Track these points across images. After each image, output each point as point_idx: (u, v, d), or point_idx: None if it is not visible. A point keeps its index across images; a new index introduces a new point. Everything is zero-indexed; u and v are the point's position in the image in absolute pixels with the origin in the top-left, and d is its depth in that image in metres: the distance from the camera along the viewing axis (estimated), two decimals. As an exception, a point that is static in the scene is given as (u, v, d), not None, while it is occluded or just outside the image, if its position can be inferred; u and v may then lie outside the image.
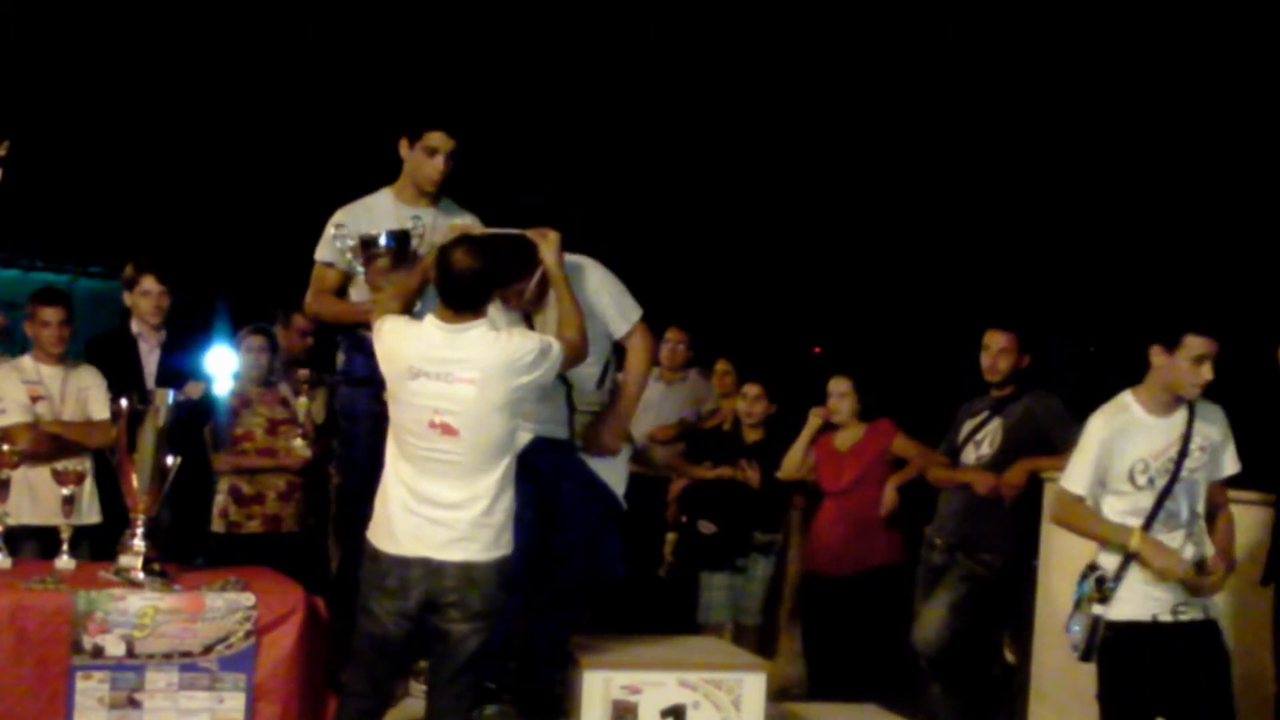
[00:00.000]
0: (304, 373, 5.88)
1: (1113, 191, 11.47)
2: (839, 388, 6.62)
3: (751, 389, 6.84)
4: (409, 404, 4.18)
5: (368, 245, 4.85)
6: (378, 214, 5.01)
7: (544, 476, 4.83)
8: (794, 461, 6.74)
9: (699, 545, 6.72)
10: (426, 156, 4.97)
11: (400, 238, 4.85)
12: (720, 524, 6.63)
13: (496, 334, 4.22)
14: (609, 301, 4.78)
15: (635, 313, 4.86)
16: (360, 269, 4.90)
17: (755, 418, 6.80)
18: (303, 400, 5.86)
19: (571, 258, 4.71)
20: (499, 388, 4.14)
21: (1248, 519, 4.75)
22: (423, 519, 4.18)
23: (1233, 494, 4.79)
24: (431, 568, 4.17)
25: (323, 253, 5.04)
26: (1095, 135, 11.21)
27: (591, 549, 4.92)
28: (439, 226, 4.97)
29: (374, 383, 4.92)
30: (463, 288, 4.15)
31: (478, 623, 4.22)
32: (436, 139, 4.95)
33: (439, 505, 4.17)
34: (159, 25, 11.19)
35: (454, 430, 4.13)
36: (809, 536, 6.77)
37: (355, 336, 5.04)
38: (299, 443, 5.95)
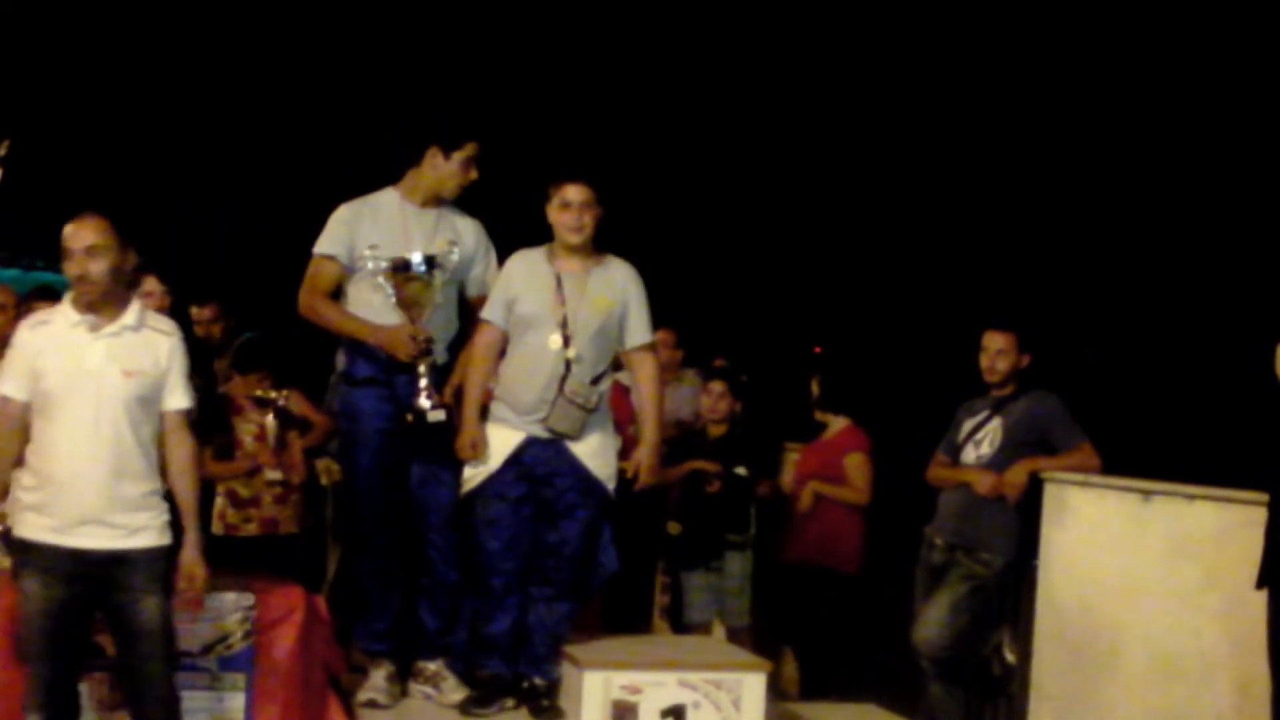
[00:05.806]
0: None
1: (1112, 193, 11.48)
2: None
3: (716, 386, 6.83)
4: None
5: (401, 268, 4.84)
6: (384, 213, 4.98)
7: (537, 472, 4.89)
8: None
9: (672, 546, 6.74)
10: (462, 168, 4.99)
11: (432, 262, 4.85)
12: (684, 524, 6.64)
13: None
14: (641, 313, 4.99)
15: (651, 334, 5.05)
16: (390, 290, 4.86)
17: (719, 414, 6.79)
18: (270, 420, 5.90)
19: (618, 259, 5.00)
20: None
21: (1245, 519, 4.75)
22: None
23: (1230, 495, 4.77)
24: None
25: (323, 245, 4.96)
26: (1095, 137, 11.22)
27: (586, 543, 4.95)
28: (440, 229, 5.00)
29: (376, 383, 4.94)
30: None
31: None
32: (473, 149, 5.00)
33: None
34: (160, 26, 11.20)
35: None
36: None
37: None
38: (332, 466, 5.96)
